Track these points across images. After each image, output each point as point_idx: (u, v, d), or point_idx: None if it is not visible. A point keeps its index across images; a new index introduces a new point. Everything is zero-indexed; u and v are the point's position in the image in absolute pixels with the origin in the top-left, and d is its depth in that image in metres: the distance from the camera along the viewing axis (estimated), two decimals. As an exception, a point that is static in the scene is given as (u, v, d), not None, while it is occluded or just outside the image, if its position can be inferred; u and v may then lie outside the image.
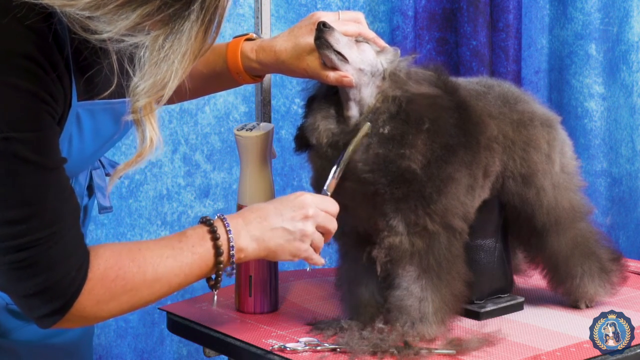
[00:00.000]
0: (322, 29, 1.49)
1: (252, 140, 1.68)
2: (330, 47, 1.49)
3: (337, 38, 1.50)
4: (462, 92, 1.58)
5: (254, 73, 1.64)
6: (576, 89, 2.51)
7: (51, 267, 1.24)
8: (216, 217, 1.41)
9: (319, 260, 1.47)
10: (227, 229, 1.39)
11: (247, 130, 1.69)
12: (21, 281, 1.24)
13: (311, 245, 1.46)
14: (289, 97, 2.40)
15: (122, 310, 1.33)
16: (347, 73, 1.50)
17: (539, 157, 1.66)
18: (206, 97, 2.31)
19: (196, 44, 1.23)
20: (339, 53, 1.50)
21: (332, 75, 1.51)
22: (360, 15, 1.58)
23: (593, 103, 2.49)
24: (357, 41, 1.53)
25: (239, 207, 1.70)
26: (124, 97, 1.38)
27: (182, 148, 2.32)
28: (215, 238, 1.38)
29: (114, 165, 1.61)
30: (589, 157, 2.49)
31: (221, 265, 1.39)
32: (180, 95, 1.40)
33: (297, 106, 2.39)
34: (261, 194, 1.69)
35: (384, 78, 1.53)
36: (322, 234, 1.47)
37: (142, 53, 1.23)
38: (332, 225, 1.48)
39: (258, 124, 1.71)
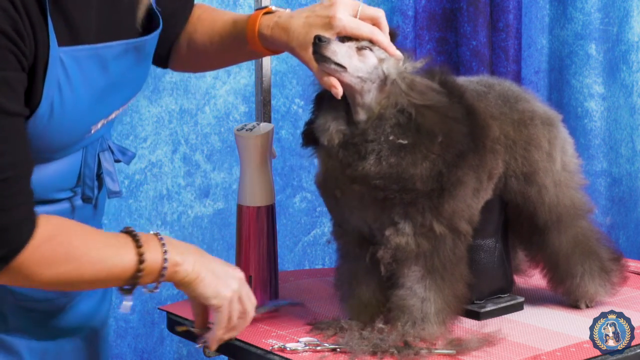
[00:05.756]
0: (317, 43, 1.48)
1: (252, 140, 1.68)
2: (328, 60, 1.49)
3: (334, 50, 1.49)
4: (468, 95, 1.57)
5: (270, 48, 1.59)
6: (576, 89, 2.51)
7: (2, 210, 1.23)
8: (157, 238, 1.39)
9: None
10: (164, 249, 1.37)
11: (247, 130, 1.69)
12: None
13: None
14: (289, 97, 2.40)
15: (58, 280, 1.31)
16: (337, 84, 1.49)
17: (540, 156, 1.66)
18: (206, 97, 2.31)
19: None
20: (337, 64, 1.49)
21: (325, 79, 1.50)
22: (380, 14, 1.53)
23: (593, 103, 2.49)
24: (361, 48, 1.51)
25: (239, 207, 1.70)
26: (111, 39, 1.36)
27: (182, 148, 2.32)
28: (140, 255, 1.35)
29: (123, 151, 1.60)
30: (589, 157, 2.49)
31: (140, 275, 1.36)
32: (198, 63, 1.36)
33: (297, 106, 2.39)
34: (261, 194, 1.69)
35: (385, 85, 1.51)
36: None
37: None
38: (250, 310, 1.47)
39: (258, 124, 1.71)
